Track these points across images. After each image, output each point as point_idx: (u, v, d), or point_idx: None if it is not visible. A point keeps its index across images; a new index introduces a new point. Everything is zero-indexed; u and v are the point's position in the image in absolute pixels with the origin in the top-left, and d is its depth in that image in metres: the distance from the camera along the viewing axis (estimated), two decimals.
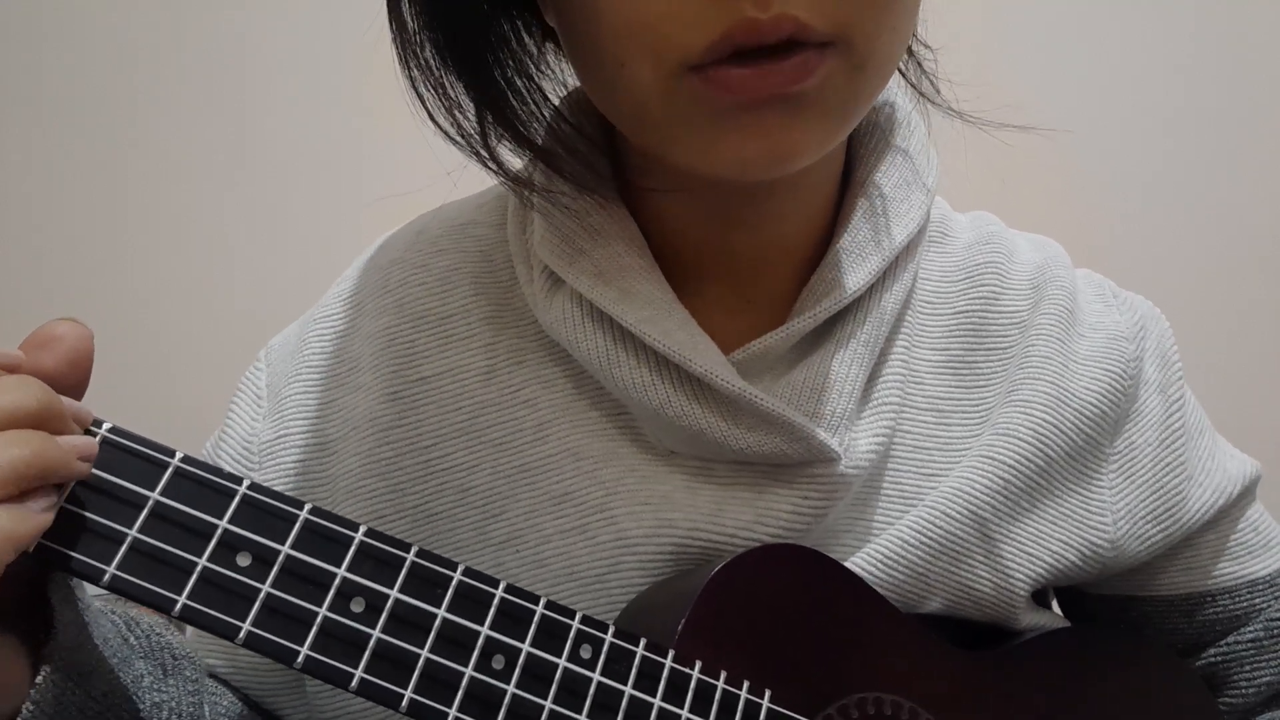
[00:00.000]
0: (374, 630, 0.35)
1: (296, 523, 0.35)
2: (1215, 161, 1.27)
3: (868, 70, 0.40)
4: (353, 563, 0.35)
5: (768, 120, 0.39)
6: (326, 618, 0.34)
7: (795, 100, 0.39)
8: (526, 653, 0.37)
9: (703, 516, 0.45)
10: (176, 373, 1.13)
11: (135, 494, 0.33)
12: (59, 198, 1.22)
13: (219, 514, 0.34)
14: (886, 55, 0.41)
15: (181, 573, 0.33)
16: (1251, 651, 0.54)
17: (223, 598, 0.33)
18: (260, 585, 0.34)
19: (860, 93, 0.41)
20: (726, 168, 0.41)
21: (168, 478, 0.34)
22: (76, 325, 0.34)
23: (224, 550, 0.34)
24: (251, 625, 0.33)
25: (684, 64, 0.38)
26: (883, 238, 0.48)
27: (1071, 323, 0.53)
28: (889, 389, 0.49)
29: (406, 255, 0.52)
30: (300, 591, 0.34)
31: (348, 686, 0.34)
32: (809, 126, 0.40)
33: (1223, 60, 1.27)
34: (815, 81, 0.38)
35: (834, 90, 0.40)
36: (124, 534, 0.33)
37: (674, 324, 0.45)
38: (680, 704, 0.38)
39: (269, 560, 0.34)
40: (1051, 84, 1.26)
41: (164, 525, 0.33)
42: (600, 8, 0.38)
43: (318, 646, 0.34)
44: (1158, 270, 1.10)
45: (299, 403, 0.51)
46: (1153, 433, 0.53)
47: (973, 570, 0.48)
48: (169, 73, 1.23)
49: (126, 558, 0.32)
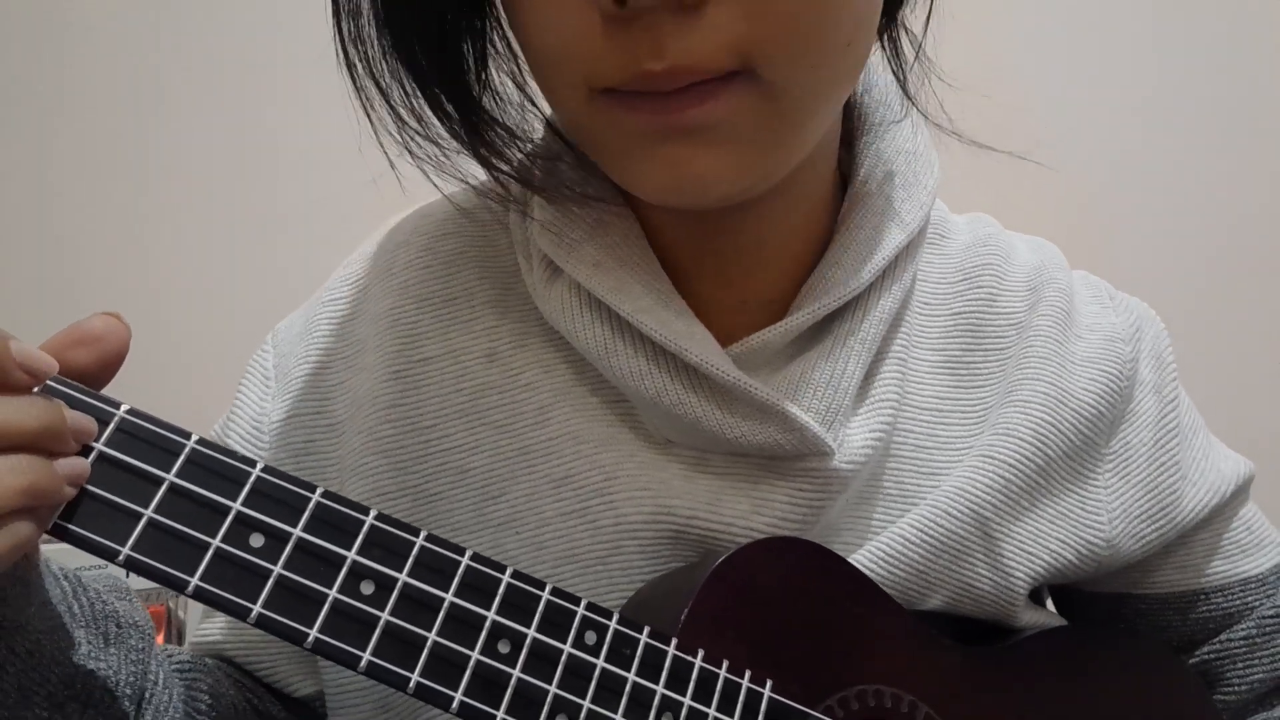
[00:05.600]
0: (383, 612, 0.35)
1: (309, 505, 0.35)
2: (1211, 164, 1.28)
3: (784, 102, 0.39)
4: (363, 545, 0.36)
5: (673, 151, 0.39)
6: (337, 599, 0.35)
7: (699, 132, 0.39)
8: (532, 638, 0.37)
9: (700, 505, 0.46)
10: (187, 365, 1.13)
11: (151, 474, 0.34)
12: (72, 194, 1.23)
13: (233, 496, 0.34)
14: (807, 87, 0.40)
15: (195, 552, 0.33)
16: (1244, 649, 0.55)
17: (235, 578, 0.34)
18: (272, 566, 0.34)
19: (782, 125, 0.40)
20: (647, 194, 0.42)
21: (183, 459, 0.34)
22: (117, 325, 0.35)
23: (237, 531, 0.34)
24: (263, 606, 0.34)
25: (595, 89, 0.39)
26: (883, 237, 0.49)
27: (1068, 324, 0.53)
28: (886, 387, 0.50)
29: (412, 239, 0.53)
30: (311, 573, 0.35)
31: (356, 667, 0.34)
32: (719, 158, 0.39)
33: (1222, 61, 1.28)
34: (719, 112, 0.38)
35: (746, 121, 0.39)
36: (140, 513, 0.33)
37: (671, 314, 0.46)
38: (682, 692, 0.39)
39: (282, 541, 0.35)
40: (1051, 84, 1.26)
41: (179, 506, 0.34)
42: (527, 34, 0.41)
43: (328, 627, 0.34)
44: (1153, 272, 1.10)
45: (307, 383, 0.51)
46: (1148, 433, 0.53)
47: (973, 568, 0.49)
48: (174, 72, 1.24)
49: (142, 537, 0.33)
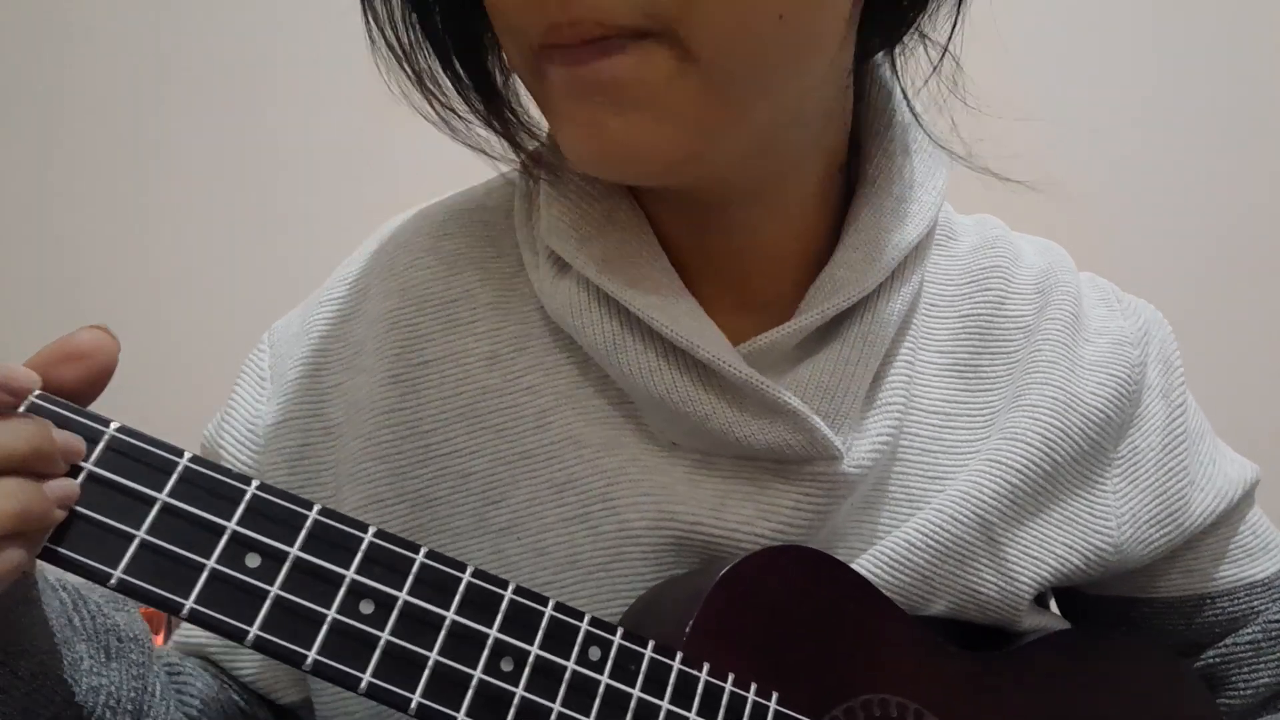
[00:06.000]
0: (383, 632, 0.34)
1: (306, 523, 0.34)
2: (1216, 166, 1.28)
3: (711, 75, 0.38)
4: (362, 563, 0.35)
5: (589, 111, 0.39)
6: (336, 619, 0.34)
7: (611, 89, 0.38)
8: (535, 654, 0.36)
9: (705, 510, 0.45)
10: (183, 371, 1.12)
11: (143, 494, 0.33)
12: (72, 194, 1.22)
13: (228, 515, 0.33)
14: (736, 59, 0.38)
15: (190, 574, 0.32)
16: (1250, 653, 0.55)
17: (232, 599, 0.33)
18: (269, 587, 0.33)
19: (711, 99, 0.39)
20: (575, 160, 0.42)
21: (176, 477, 0.33)
22: (104, 340, 0.33)
23: (233, 551, 0.33)
24: (260, 628, 0.33)
25: (532, 45, 0.39)
26: (891, 238, 0.48)
27: (1076, 327, 0.53)
28: (894, 391, 0.49)
29: (413, 239, 0.52)
30: (310, 593, 0.34)
31: (356, 689, 0.34)
32: (640, 125, 0.39)
33: (1222, 62, 1.27)
34: (626, 67, 0.37)
35: (663, 86, 0.38)
36: (132, 535, 0.32)
37: (681, 310, 0.45)
38: (688, 707, 0.38)
39: (279, 561, 0.34)
40: (1050, 86, 1.26)
41: (172, 526, 0.33)
42: None
43: (326, 648, 0.33)
44: (1153, 272, 1.10)
45: (303, 386, 0.50)
46: (1155, 437, 0.53)
47: (978, 573, 0.49)
48: (175, 72, 1.23)
49: (134, 559, 0.32)
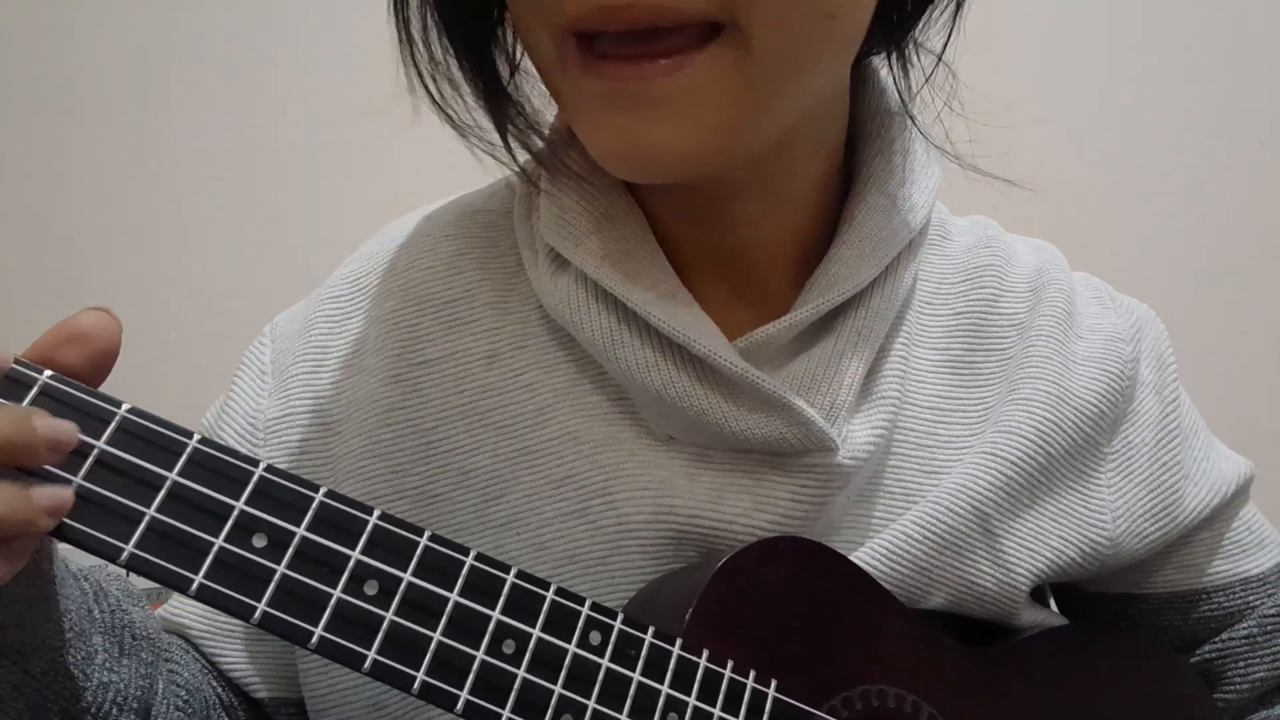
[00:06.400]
0: (387, 613, 0.35)
1: (312, 505, 0.35)
2: (1211, 166, 1.29)
3: (759, 68, 0.36)
4: (367, 546, 0.35)
5: (627, 120, 0.37)
6: (341, 600, 0.34)
7: (663, 104, 0.37)
8: (537, 638, 0.37)
9: (702, 503, 0.46)
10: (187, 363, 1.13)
11: (153, 474, 0.33)
12: (73, 193, 1.24)
13: (235, 495, 0.34)
14: (785, 54, 0.37)
15: (198, 553, 0.33)
16: (1245, 648, 0.55)
17: (238, 578, 0.33)
18: (275, 566, 0.34)
19: (752, 97, 0.38)
20: (603, 162, 0.41)
21: (185, 458, 0.34)
22: (106, 321, 0.34)
23: (240, 531, 0.34)
24: (266, 605, 0.33)
25: (569, 28, 0.37)
26: (886, 234, 0.49)
27: (1070, 325, 0.54)
28: (888, 384, 0.50)
29: (414, 239, 0.53)
30: (315, 574, 0.34)
31: (361, 668, 0.34)
32: (682, 132, 0.37)
33: (1215, 62, 1.28)
34: (686, 81, 0.36)
35: (715, 93, 0.36)
36: (142, 513, 0.33)
37: (678, 306, 0.46)
38: (687, 692, 0.39)
39: (284, 542, 0.34)
40: (1050, 86, 1.27)
41: (181, 506, 0.33)
42: None
43: (332, 628, 0.34)
44: (1152, 272, 1.11)
45: (304, 382, 0.51)
46: (1149, 433, 0.54)
47: (975, 565, 0.49)
48: (176, 72, 1.24)
49: (144, 537, 0.33)
